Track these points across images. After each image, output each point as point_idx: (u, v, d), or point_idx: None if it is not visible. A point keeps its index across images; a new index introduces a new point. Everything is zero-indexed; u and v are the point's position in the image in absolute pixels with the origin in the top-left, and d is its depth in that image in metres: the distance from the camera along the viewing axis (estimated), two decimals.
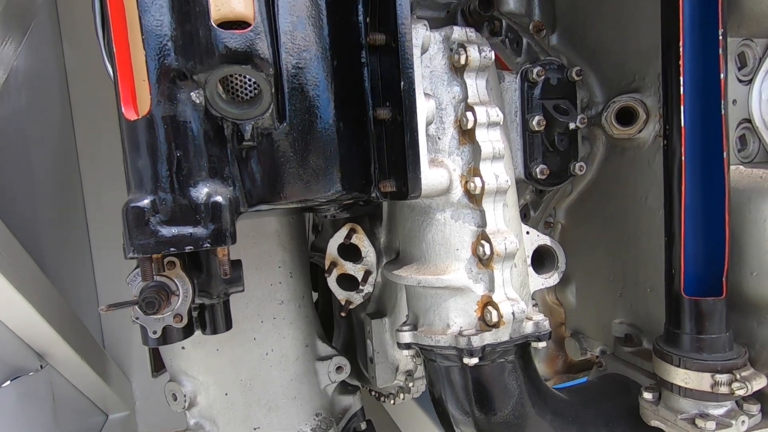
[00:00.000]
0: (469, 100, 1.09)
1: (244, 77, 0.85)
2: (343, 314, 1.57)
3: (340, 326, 1.98)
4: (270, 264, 1.50)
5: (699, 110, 1.04)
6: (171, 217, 0.81)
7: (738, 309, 1.12)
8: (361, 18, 1.03)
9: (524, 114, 1.31)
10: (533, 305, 1.28)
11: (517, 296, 1.09)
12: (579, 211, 1.61)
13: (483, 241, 1.08)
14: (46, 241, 2.58)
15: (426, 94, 1.07)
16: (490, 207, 1.08)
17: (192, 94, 0.81)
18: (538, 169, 1.31)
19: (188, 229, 0.82)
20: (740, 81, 1.14)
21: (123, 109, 0.79)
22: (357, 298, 1.54)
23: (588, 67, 1.50)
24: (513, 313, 1.07)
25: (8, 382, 2.19)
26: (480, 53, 1.08)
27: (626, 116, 1.32)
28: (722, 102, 1.01)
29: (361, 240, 1.45)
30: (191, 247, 0.82)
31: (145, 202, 0.80)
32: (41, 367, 2.45)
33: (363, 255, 1.47)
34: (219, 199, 0.83)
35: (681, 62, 1.02)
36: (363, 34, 1.03)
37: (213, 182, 0.84)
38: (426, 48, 1.06)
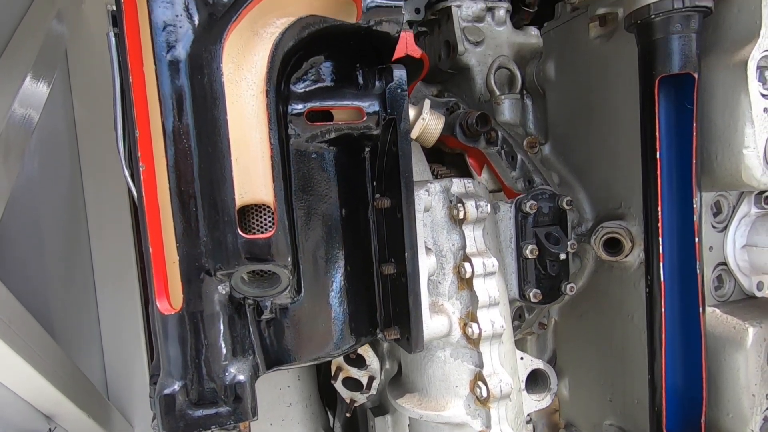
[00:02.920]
0: (467, 250, 1.18)
1: None
2: (348, 414, 1.65)
3: (342, 401, 2.06)
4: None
5: (677, 267, 1.13)
6: (199, 400, 0.90)
7: None
8: (368, 180, 1.13)
9: (518, 241, 1.41)
10: (527, 421, 1.37)
11: (511, 431, 1.18)
12: (572, 312, 1.70)
13: (480, 383, 1.16)
14: (53, 296, 2.64)
15: (428, 249, 1.17)
16: (486, 350, 1.17)
17: (219, 287, 0.90)
18: (531, 293, 1.40)
19: (214, 410, 0.90)
20: (714, 227, 1.24)
21: (157, 303, 0.88)
22: (361, 398, 1.63)
23: (577, 183, 1.60)
24: None
25: None
26: (477, 208, 1.18)
27: (613, 244, 1.42)
28: (697, 263, 1.10)
29: (365, 350, 1.54)
30: (216, 426, 0.90)
31: (176, 387, 0.88)
32: (50, 430, 2.52)
33: (367, 363, 1.56)
34: (242, 378, 0.92)
35: (660, 225, 1.12)
36: (370, 195, 1.13)
37: (236, 361, 0.93)
38: (428, 209, 1.16)
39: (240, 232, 0.88)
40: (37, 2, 2.29)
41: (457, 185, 1.21)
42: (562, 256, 1.37)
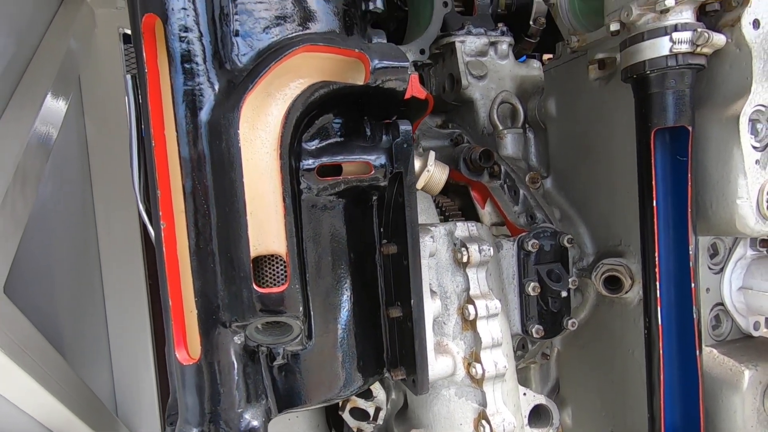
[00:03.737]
0: (470, 292, 1.23)
1: None
2: None
3: (349, 431, 2.10)
4: None
5: (674, 311, 1.17)
6: None
7: None
8: (375, 226, 1.18)
9: (521, 278, 1.45)
10: None
11: None
12: (574, 342, 1.74)
13: (483, 421, 1.20)
14: (63, 314, 2.69)
15: (432, 292, 1.21)
16: (489, 389, 1.21)
17: (235, 338, 0.95)
18: (534, 329, 1.44)
19: None
20: (711, 269, 1.27)
21: (176, 353, 0.93)
22: (368, 428, 1.67)
23: (578, 218, 1.64)
24: None
25: None
26: (480, 252, 1.22)
27: (613, 281, 1.46)
28: (693, 308, 1.14)
29: None
30: None
31: None
32: None
33: (374, 394, 1.60)
34: (255, 424, 0.96)
35: (657, 270, 1.16)
36: (377, 240, 1.17)
37: (250, 407, 0.98)
38: (433, 254, 1.20)
39: (255, 287, 0.93)
40: (55, 23, 2.37)
41: (461, 229, 1.25)
42: (564, 293, 1.41)
